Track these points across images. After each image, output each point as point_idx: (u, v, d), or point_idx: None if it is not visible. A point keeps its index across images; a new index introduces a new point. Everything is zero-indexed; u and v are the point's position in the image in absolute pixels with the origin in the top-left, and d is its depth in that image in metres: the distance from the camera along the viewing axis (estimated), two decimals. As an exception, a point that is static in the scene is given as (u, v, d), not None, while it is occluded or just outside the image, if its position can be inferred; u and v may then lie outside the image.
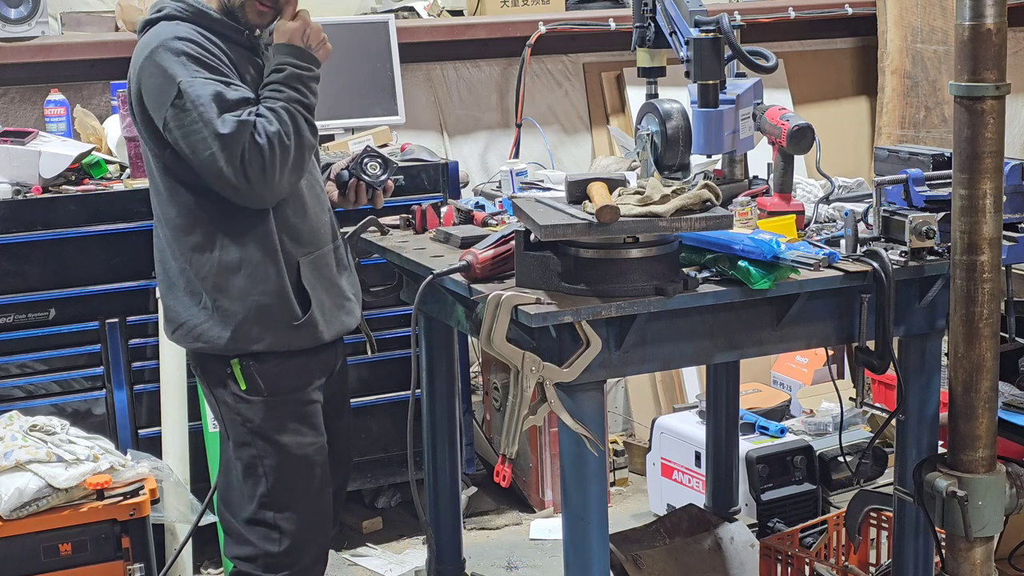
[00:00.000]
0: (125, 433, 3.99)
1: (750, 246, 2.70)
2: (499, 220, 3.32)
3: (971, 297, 2.74)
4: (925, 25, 5.60)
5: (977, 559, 2.85)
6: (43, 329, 3.90)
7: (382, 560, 4.30)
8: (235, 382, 2.91)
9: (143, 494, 3.32)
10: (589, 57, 5.31)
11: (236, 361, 2.89)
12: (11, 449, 3.27)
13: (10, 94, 4.48)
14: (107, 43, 4.39)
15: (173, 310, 2.94)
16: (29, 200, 3.83)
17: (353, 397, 4.31)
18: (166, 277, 2.94)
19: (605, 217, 2.57)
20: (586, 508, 2.75)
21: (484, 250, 2.85)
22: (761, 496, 4.20)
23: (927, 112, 5.62)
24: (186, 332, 2.91)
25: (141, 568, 3.32)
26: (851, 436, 4.36)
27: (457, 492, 3.67)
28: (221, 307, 2.86)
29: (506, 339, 2.60)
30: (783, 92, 5.50)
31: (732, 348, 2.86)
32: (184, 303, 2.90)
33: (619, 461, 4.87)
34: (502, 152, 5.08)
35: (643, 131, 3.32)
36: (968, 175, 2.70)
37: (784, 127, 3.15)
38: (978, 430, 2.80)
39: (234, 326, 2.85)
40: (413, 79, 4.96)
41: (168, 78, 2.71)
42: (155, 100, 2.75)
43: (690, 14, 3.17)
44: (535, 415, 2.64)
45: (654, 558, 3.74)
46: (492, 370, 4.75)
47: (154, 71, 2.74)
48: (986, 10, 2.63)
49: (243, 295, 2.85)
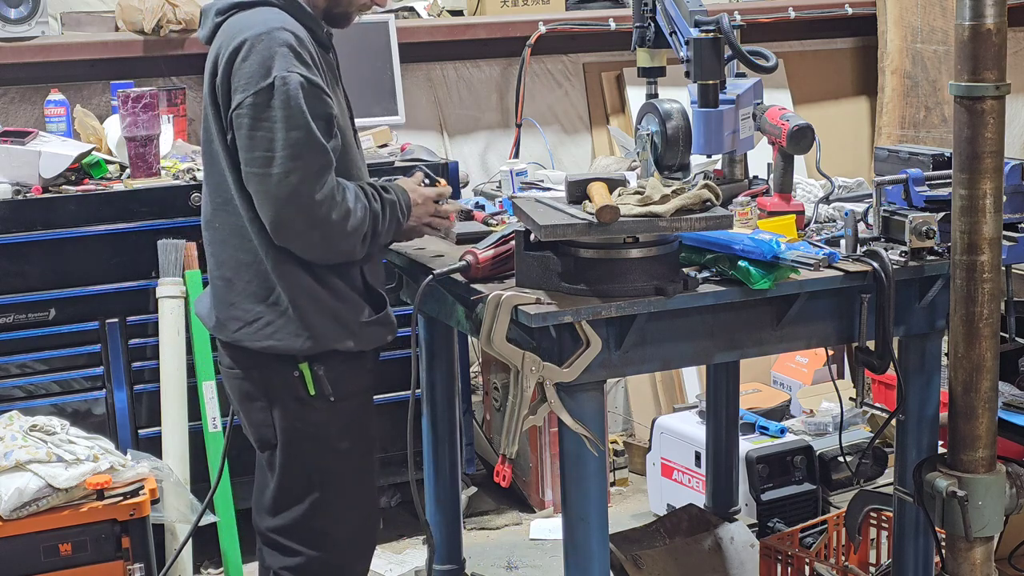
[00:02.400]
0: (125, 433, 3.99)
1: (750, 246, 2.70)
2: (499, 220, 3.32)
3: (971, 297, 2.74)
4: (925, 25, 5.60)
5: (977, 559, 2.85)
6: (43, 329, 3.90)
7: (382, 560, 4.30)
8: (303, 386, 2.80)
9: (143, 494, 3.32)
10: (589, 57, 5.31)
11: (306, 364, 2.79)
12: (11, 449, 3.27)
13: (10, 94, 4.48)
14: (107, 43, 4.39)
15: (240, 307, 2.79)
16: (29, 200, 3.83)
17: (353, 397, 4.33)
18: (233, 270, 2.80)
19: (605, 217, 2.57)
20: (586, 508, 2.75)
21: (484, 250, 2.84)
22: (761, 496, 4.20)
23: (927, 112, 5.62)
24: (256, 330, 2.77)
25: (141, 568, 3.32)
26: (851, 436, 4.36)
27: (457, 492, 3.67)
28: (299, 306, 2.75)
29: (506, 339, 2.60)
30: (783, 92, 5.50)
31: (732, 348, 2.86)
32: (252, 299, 2.77)
33: (619, 461, 4.87)
34: (502, 152, 5.08)
35: (643, 131, 3.32)
36: (968, 175, 2.70)
37: (784, 127, 3.15)
38: (978, 430, 2.80)
39: (312, 326, 2.75)
40: (413, 79, 4.97)
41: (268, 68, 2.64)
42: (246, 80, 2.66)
43: (690, 14, 3.17)
44: (535, 415, 2.64)
45: (654, 558, 3.74)
46: (492, 370, 4.75)
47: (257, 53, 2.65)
48: (986, 10, 2.63)
49: (318, 295, 2.76)
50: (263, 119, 2.63)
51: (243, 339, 2.80)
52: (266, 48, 2.64)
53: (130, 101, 3.99)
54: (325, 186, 2.65)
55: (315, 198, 2.64)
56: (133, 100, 3.99)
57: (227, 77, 2.68)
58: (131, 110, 4.00)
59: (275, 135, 2.63)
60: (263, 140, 2.64)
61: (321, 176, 2.65)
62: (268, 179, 2.64)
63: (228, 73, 2.68)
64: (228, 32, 2.73)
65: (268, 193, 2.65)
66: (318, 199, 2.64)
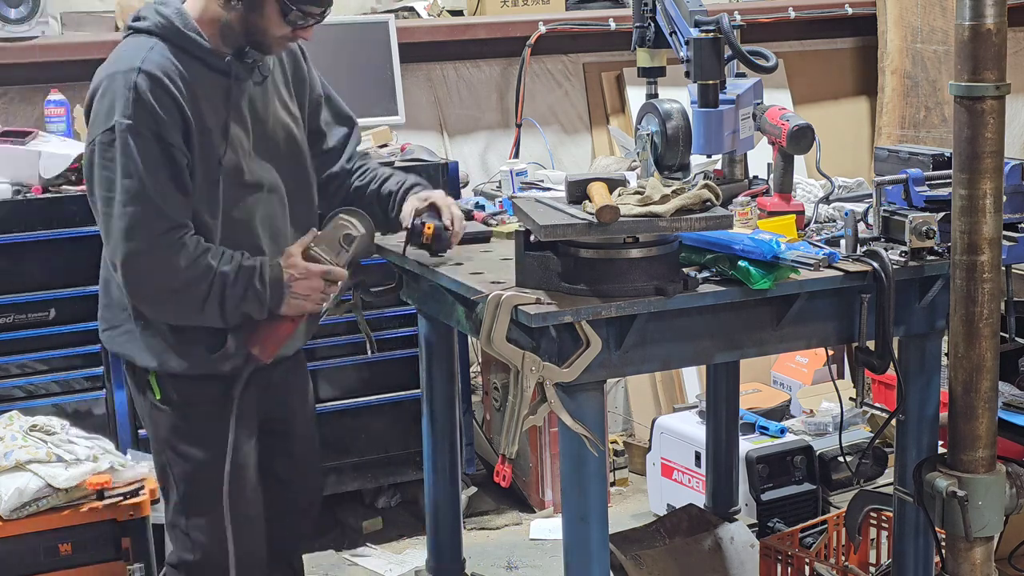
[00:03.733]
0: (125, 433, 3.99)
1: (750, 246, 2.70)
2: (499, 220, 3.32)
3: (971, 297, 2.74)
4: (925, 25, 5.60)
5: (977, 559, 2.85)
6: (43, 329, 3.90)
7: (382, 560, 4.30)
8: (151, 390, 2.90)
9: (143, 494, 3.32)
10: (589, 57, 5.31)
11: (153, 374, 2.88)
12: (11, 449, 3.27)
13: (10, 94, 4.48)
14: (107, 43, 4.35)
15: (109, 309, 2.94)
16: (29, 200, 3.83)
17: (353, 397, 4.32)
18: (105, 279, 2.93)
19: (605, 217, 2.57)
20: (586, 508, 2.75)
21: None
22: (761, 496, 4.20)
23: (927, 112, 5.62)
24: (113, 336, 2.93)
25: (141, 568, 3.32)
26: (851, 436, 4.36)
27: (457, 492, 3.67)
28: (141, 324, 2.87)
29: (506, 339, 2.60)
30: (783, 92, 5.50)
31: (732, 348, 2.86)
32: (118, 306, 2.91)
33: (619, 461, 4.87)
34: (502, 152, 5.08)
35: (643, 131, 3.32)
36: (968, 175, 2.70)
37: (784, 127, 3.15)
38: (978, 430, 2.80)
39: (151, 346, 2.88)
40: (413, 79, 4.96)
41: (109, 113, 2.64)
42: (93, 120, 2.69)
43: (690, 14, 3.17)
44: (535, 415, 2.64)
45: (654, 558, 3.74)
46: (492, 370, 4.75)
47: (109, 93, 2.66)
48: (986, 10, 2.62)
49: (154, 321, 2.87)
50: (107, 159, 2.65)
51: (105, 341, 2.93)
52: (116, 90, 2.65)
53: (130, 101, 3.99)
54: (154, 239, 2.63)
55: (141, 248, 2.64)
56: (133, 100, 3.99)
57: (89, 106, 2.72)
58: (131, 110, 3.99)
59: (115, 177, 2.65)
60: (106, 180, 2.66)
61: (148, 229, 2.63)
62: (109, 219, 2.67)
63: (88, 107, 2.72)
64: (108, 59, 2.76)
65: (108, 234, 2.68)
66: (143, 249, 2.64)
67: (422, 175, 4.23)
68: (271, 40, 2.77)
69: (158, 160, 2.65)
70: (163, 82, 2.66)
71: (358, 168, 3.13)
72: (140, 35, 2.75)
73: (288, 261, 2.77)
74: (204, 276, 2.68)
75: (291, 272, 2.76)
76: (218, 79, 2.76)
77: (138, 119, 2.63)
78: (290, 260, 2.78)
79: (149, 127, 2.64)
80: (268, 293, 2.73)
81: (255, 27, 2.74)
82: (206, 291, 2.68)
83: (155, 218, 2.64)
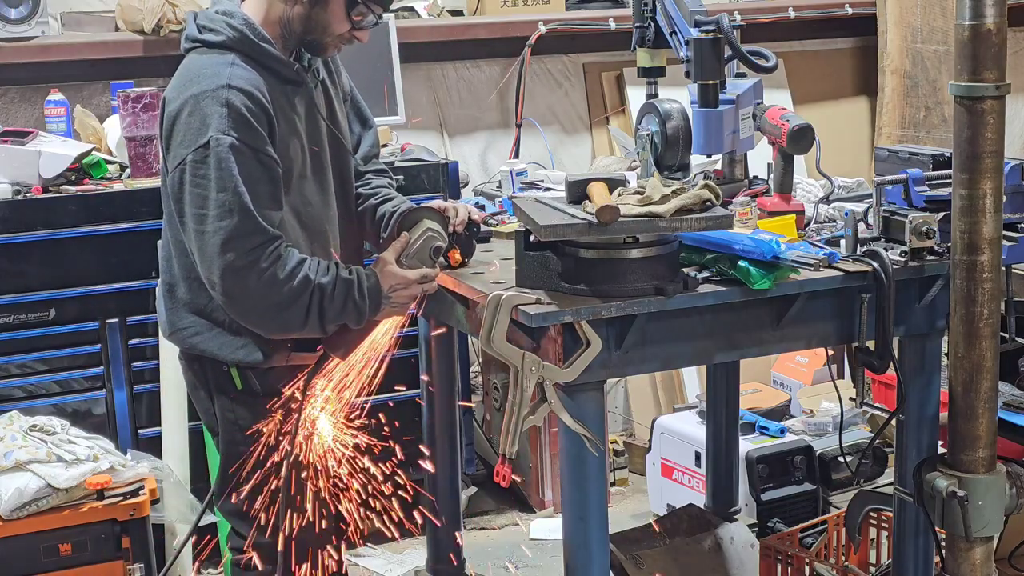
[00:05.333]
0: (125, 433, 3.99)
1: (750, 246, 2.70)
2: (499, 220, 3.32)
3: (971, 297, 2.74)
4: (925, 25, 5.60)
5: (977, 559, 2.85)
6: (43, 329, 3.90)
7: (382, 560, 4.30)
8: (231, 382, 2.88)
9: (143, 494, 3.32)
10: (589, 57, 5.31)
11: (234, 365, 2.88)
12: (11, 449, 3.27)
13: (10, 94, 4.48)
14: (107, 43, 4.39)
15: (176, 312, 2.90)
16: (29, 200, 3.83)
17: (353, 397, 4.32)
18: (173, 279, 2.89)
19: (605, 217, 2.57)
20: (586, 508, 2.75)
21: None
22: (761, 496, 4.20)
23: (927, 112, 5.62)
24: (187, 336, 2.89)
25: (141, 568, 3.32)
26: (851, 436, 4.36)
27: (457, 492, 3.67)
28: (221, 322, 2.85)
29: (506, 339, 2.60)
30: (783, 92, 5.49)
31: (732, 348, 2.86)
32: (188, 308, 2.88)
33: (619, 461, 4.87)
34: (502, 152, 5.08)
35: (643, 131, 3.32)
36: (968, 175, 2.70)
37: (784, 127, 3.15)
38: (978, 430, 2.80)
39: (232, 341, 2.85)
40: (413, 79, 4.96)
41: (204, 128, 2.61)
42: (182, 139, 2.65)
43: (690, 14, 3.17)
44: (535, 415, 2.64)
45: (654, 558, 3.74)
46: (492, 370, 4.75)
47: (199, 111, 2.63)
48: (986, 10, 2.63)
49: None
50: (199, 176, 2.63)
51: (176, 343, 2.90)
52: (206, 108, 2.62)
53: (130, 101, 4.00)
54: (252, 253, 2.62)
55: (241, 262, 2.62)
56: (133, 100, 4.00)
57: (171, 127, 2.68)
58: (131, 110, 4.00)
59: (208, 194, 2.63)
60: (198, 198, 2.64)
61: (245, 242, 2.62)
62: (202, 236, 2.64)
63: (169, 130, 2.68)
64: (182, 76, 2.73)
65: (203, 251, 2.65)
66: (242, 263, 2.62)
67: (422, 175, 4.28)
68: (329, 39, 2.77)
69: (257, 173, 2.64)
70: (255, 96, 2.65)
71: (367, 173, 3.13)
72: (213, 49, 2.72)
73: (385, 270, 2.77)
74: (303, 289, 2.67)
75: (391, 283, 2.77)
76: (286, 87, 2.76)
77: (237, 134, 2.61)
78: (387, 269, 2.77)
79: (247, 141, 2.62)
80: (368, 304, 2.74)
81: (317, 23, 2.74)
82: (306, 304, 2.68)
83: (253, 231, 2.62)
